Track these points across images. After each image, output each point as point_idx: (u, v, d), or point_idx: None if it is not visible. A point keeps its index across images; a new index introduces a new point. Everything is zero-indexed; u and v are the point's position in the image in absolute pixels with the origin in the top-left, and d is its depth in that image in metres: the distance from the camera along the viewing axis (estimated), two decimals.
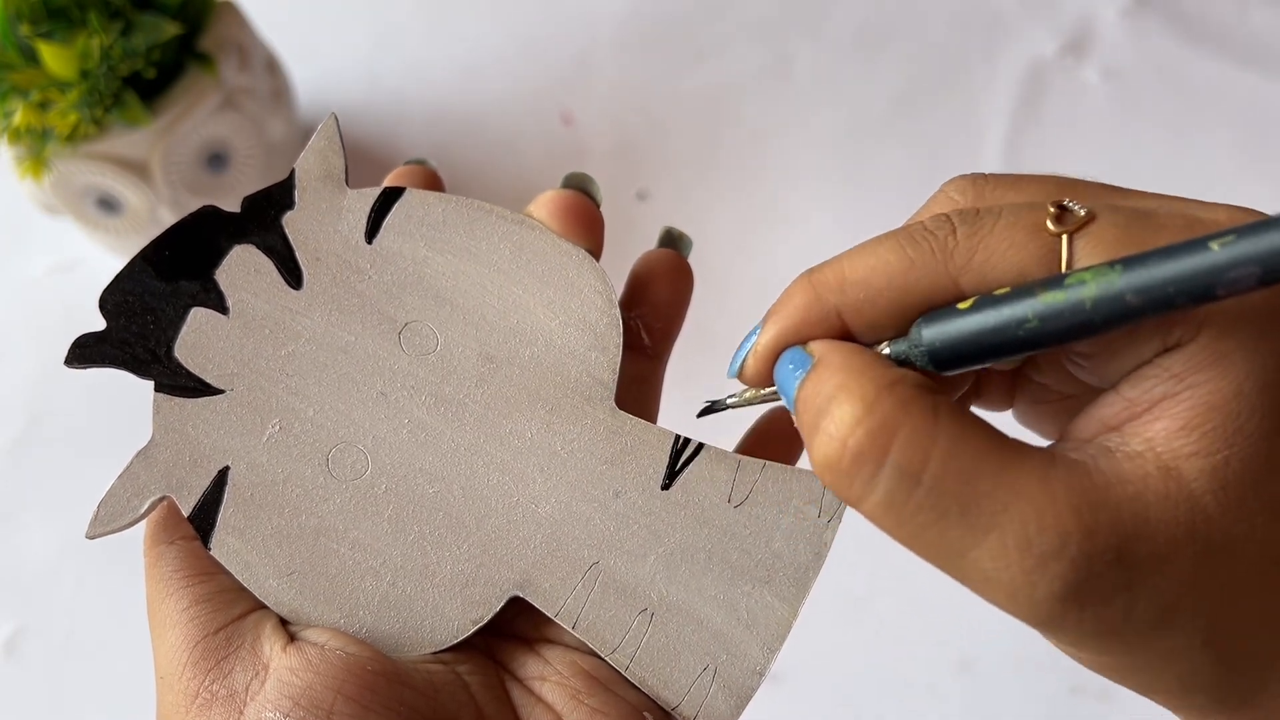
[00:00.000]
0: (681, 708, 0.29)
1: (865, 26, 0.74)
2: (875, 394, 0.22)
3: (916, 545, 0.23)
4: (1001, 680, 0.55)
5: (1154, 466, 0.22)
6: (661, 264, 0.33)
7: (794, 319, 0.25)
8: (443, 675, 0.29)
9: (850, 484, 0.22)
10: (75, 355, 0.29)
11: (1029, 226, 0.23)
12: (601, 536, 0.29)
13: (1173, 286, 0.20)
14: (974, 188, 0.25)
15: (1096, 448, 0.22)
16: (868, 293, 0.24)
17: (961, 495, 0.22)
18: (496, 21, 0.74)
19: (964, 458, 0.22)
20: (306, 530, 0.29)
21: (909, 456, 0.22)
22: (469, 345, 0.30)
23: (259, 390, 0.30)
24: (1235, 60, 0.72)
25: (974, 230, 0.23)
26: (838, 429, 0.22)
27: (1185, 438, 0.21)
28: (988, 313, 0.22)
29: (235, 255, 0.30)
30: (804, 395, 0.24)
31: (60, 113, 0.52)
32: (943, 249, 0.23)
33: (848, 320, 0.24)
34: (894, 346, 0.24)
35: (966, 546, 0.22)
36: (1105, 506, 0.21)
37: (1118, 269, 0.21)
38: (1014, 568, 0.21)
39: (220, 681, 0.27)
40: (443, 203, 0.31)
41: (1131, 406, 0.22)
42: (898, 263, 0.24)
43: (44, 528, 0.58)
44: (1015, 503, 0.21)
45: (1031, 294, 0.22)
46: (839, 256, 0.25)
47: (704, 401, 0.30)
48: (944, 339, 0.23)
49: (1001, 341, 0.22)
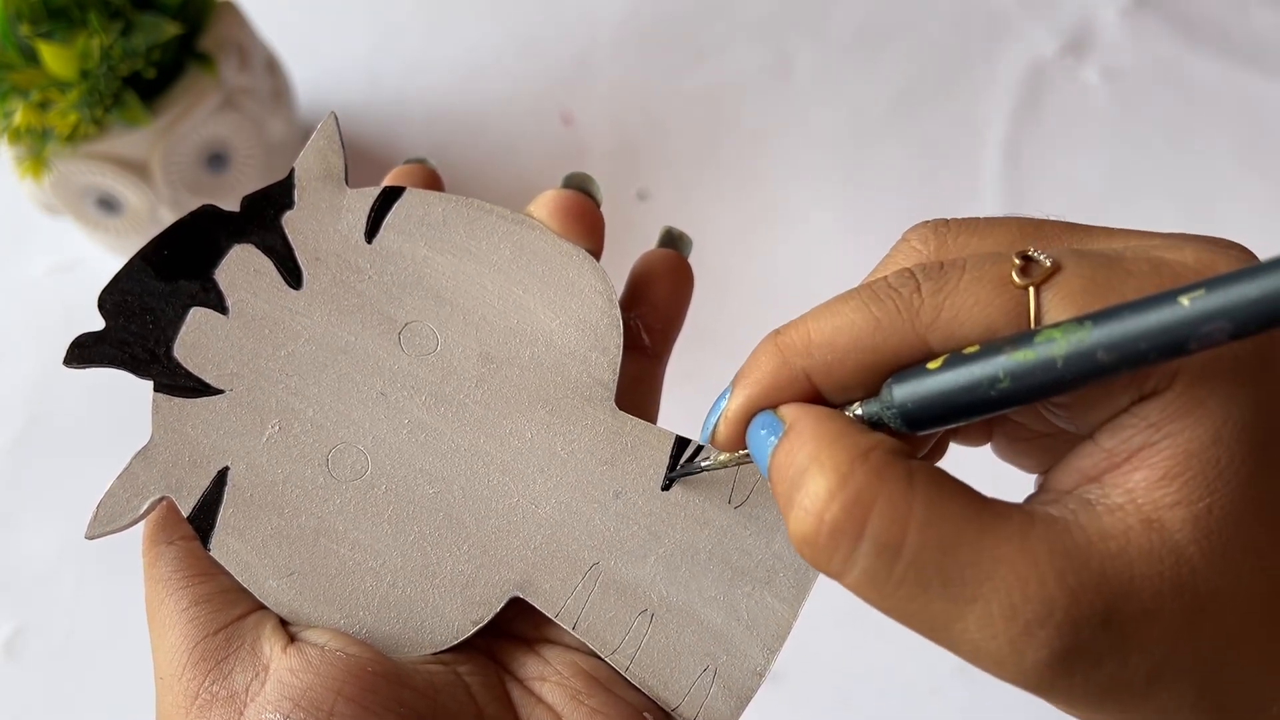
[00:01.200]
0: (681, 708, 0.29)
1: (865, 26, 0.74)
2: (849, 465, 0.22)
3: (901, 618, 0.22)
4: (1001, 681, 0.55)
5: (1136, 519, 0.21)
6: (661, 264, 0.33)
7: (763, 384, 0.24)
8: (443, 676, 0.28)
9: (829, 560, 0.22)
10: (74, 355, 0.29)
11: (994, 280, 0.22)
12: (602, 537, 0.29)
13: (1144, 342, 0.20)
14: (936, 236, 0.25)
15: (1076, 501, 0.22)
16: (834, 354, 0.23)
17: (942, 567, 0.21)
18: (496, 21, 0.74)
19: (942, 526, 0.21)
20: (306, 531, 0.29)
21: (887, 529, 0.21)
22: (469, 345, 0.30)
23: (258, 390, 0.30)
24: (1235, 60, 0.72)
25: (939, 287, 0.23)
26: (812, 503, 0.22)
27: (1166, 487, 0.21)
28: (958, 371, 0.22)
29: (234, 255, 0.30)
30: (777, 464, 0.23)
31: (60, 113, 0.52)
32: (908, 307, 0.23)
33: (817, 382, 0.24)
34: (866, 407, 0.24)
35: (952, 619, 0.21)
36: (1089, 567, 0.21)
37: (1087, 325, 0.21)
38: (1001, 637, 0.21)
39: (220, 682, 0.27)
40: (443, 202, 0.31)
41: (1110, 457, 0.22)
42: (863, 323, 0.23)
43: (44, 528, 0.58)
44: (998, 571, 0.21)
45: (1001, 352, 0.21)
46: (804, 317, 0.24)
47: (677, 465, 0.30)
48: (915, 400, 0.23)
49: (975, 400, 0.22)
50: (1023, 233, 0.24)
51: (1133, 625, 0.21)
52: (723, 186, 0.68)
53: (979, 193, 0.68)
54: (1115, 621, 0.21)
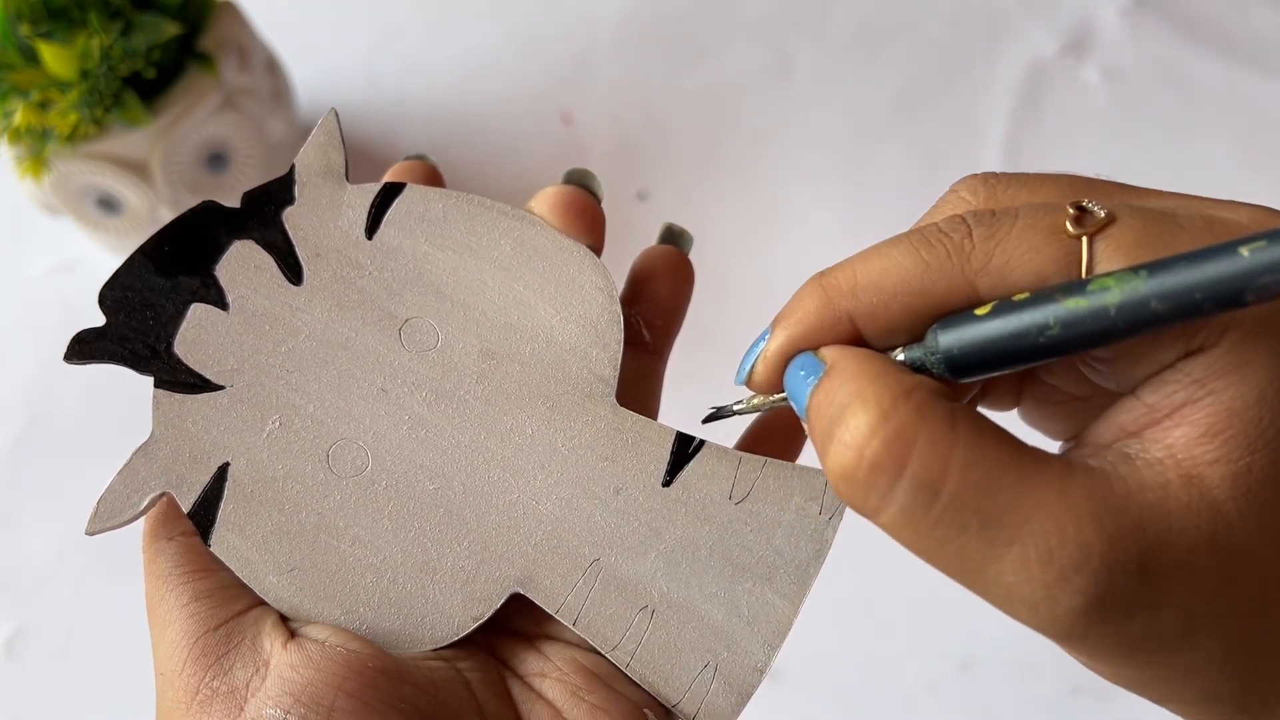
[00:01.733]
0: (682, 705, 0.29)
1: (865, 26, 0.74)
2: (891, 402, 0.22)
3: (935, 559, 0.22)
4: (1002, 681, 0.55)
5: (1175, 474, 0.21)
6: (662, 260, 0.33)
7: (805, 324, 0.24)
8: (443, 672, 0.28)
9: (867, 496, 0.22)
10: (74, 351, 0.29)
11: (1047, 229, 0.22)
12: (602, 533, 0.29)
13: (1200, 292, 0.20)
14: (986, 187, 0.24)
15: (1115, 454, 0.22)
16: (881, 297, 0.23)
17: (981, 508, 0.21)
18: (496, 21, 0.74)
19: (983, 469, 0.21)
20: (306, 527, 0.29)
21: (927, 468, 0.21)
22: (469, 341, 0.30)
23: (259, 386, 0.30)
24: (1235, 60, 0.72)
25: (991, 232, 0.23)
26: (853, 438, 0.22)
27: (1207, 444, 0.21)
28: (1008, 318, 0.22)
29: (235, 251, 0.30)
30: (816, 403, 0.23)
31: (60, 113, 0.52)
32: (959, 252, 0.23)
33: (860, 325, 0.24)
34: (909, 353, 0.24)
35: (987, 561, 0.21)
36: (1127, 516, 0.21)
37: (1142, 275, 0.20)
38: (1036, 581, 0.21)
39: (220, 678, 0.27)
40: (443, 198, 0.31)
41: (1152, 412, 0.22)
42: (912, 266, 0.23)
43: (44, 528, 0.58)
44: (1036, 515, 0.21)
45: (1053, 300, 0.21)
46: (851, 259, 0.24)
47: (709, 407, 0.29)
48: (962, 346, 0.22)
49: (1022, 348, 0.22)
50: (1073, 188, 0.24)
51: (1167, 578, 0.21)
52: (723, 186, 0.68)
53: None
54: (1150, 572, 0.21)
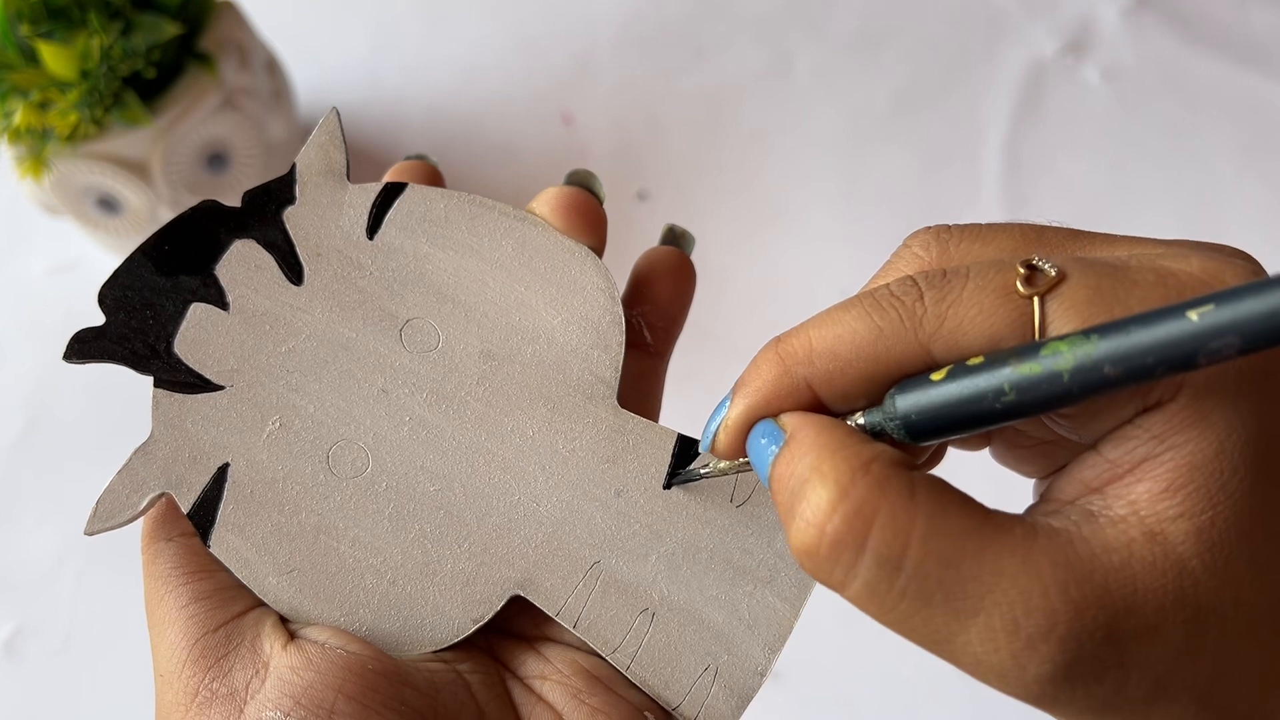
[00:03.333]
0: (682, 708, 0.29)
1: (865, 26, 0.74)
2: (850, 477, 0.22)
3: (902, 631, 0.22)
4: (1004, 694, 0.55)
5: (1139, 531, 0.21)
6: (664, 261, 0.33)
7: (763, 392, 0.24)
8: (443, 674, 0.28)
9: (830, 571, 0.22)
10: (74, 350, 0.29)
11: (998, 290, 0.22)
12: (603, 535, 0.29)
13: (1152, 357, 0.20)
14: (938, 242, 0.24)
15: (1079, 512, 0.22)
16: (836, 363, 0.23)
17: (944, 580, 0.21)
18: (496, 21, 0.74)
19: (944, 539, 0.21)
20: (306, 528, 0.29)
21: (888, 543, 0.21)
22: (470, 342, 0.30)
23: (259, 386, 0.30)
24: (1235, 60, 0.72)
25: (942, 295, 0.22)
26: (814, 515, 0.22)
27: (1169, 499, 0.21)
28: (963, 382, 0.22)
29: (235, 250, 0.30)
30: (778, 474, 0.23)
31: (60, 113, 0.52)
32: (911, 316, 0.23)
33: (818, 391, 0.24)
34: (868, 417, 0.23)
35: (954, 632, 0.21)
36: (1092, 580, 0.21)
37: (1093, 339, 0.20)
38: (1003, 651, 0.21)
39: (220, 680, 0.27)
40: (444, 198, 0.31)
41: (1114, 468, 0.22)
42: (865, 332, 0.23)
43: (44, 528, 0.58)
44: (1000, 584, 0.21)
45: (1006, 364, 0.21)
46: (805, 325, 0.24)
47: (671, 472, 0.30)
48: (919, 411, 0.22)
49: (978, 413, 0.22)
50: (1025, 239, 0.24)
51: (1135, 640, 0.21)
52: (723, 186, 0.68)
53: (979, 193, 0.68)
54: (1118, 636, 0.21)
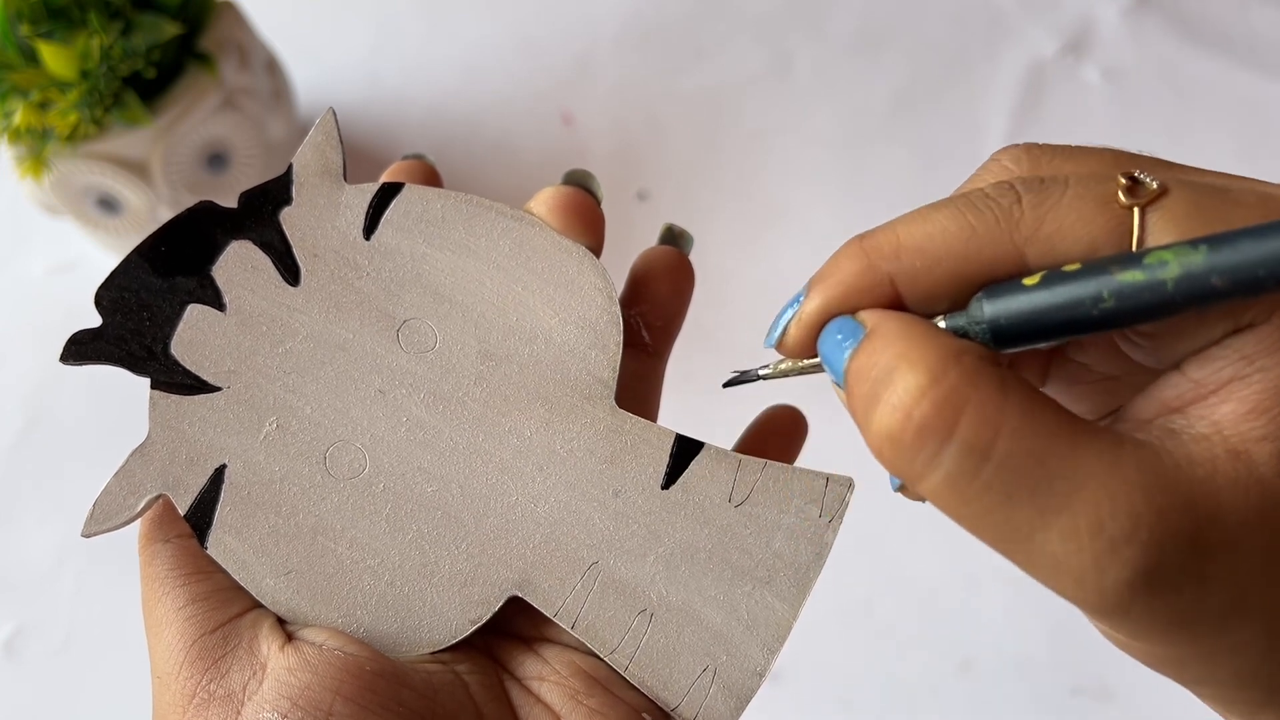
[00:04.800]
0: (681, 709, 0.28)
1: (865, 26, 0.74)
2: (941, 364, 0.21)
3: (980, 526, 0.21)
4: (1002, 681, 0.55)
5: (1222, 449, 0.21)
6: (662, 261, 0.33)
7: (843, 286, 0.23)
8: (441, 675, 0.28)
9: (913, 459, 0.21)
10: (70, 352, 0.29)
11: (1099, 198, 0.22)
12: (601, 536, 0.29)
13: (1263, 269, 0.19)
14: (1029, 157, 0.24)
15: (1160, 429, 0.22)
16: (925, 261, 0.22)
17: (1031, 475, 0.20)
18: (496, 21, 0.74)
19: (1034, 435, 0.20)
20: (304, 529, 0.29)
21: (977, 432, 0.20)
22: (468, 343, 0.30)
23: (256, 388, 0.30)
24: (1235, 60, 0.72)
25: (1041, 199, 0.22)
26: (901, 400, 0.21)
27: (1254, 421, 0.21)
28: (1058, 289, 0.21)
29: (232, 251, 0.30)
30: (857, 366, 0.22)
31: (60, 113, 0.52)
32: (1007, 218, 0.22)
33: (902, 289, 0.23)
34: (951, 320, 0.23)
35: (1034, 529, 0.21)
36: (1177, 490, 0.20)
37: (1201, 249, 0.20)
38: (1085, 552, 0.20)
39: (217, 681, 0.27)
40: (441, 199, 0.31)
41: (1198, 388, 0.21)
42: (958, 230, 0.22)
43: (43, 528, 0.58)
44: (1088, 484, 0.20)
45: (1107, 272, 0.21)
46: (893, 222, 0.23)
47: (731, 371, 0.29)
48: (1009, 315, 0.22)
49: (1073, 319, 0.21)
50: (1118, 161, 0.23)
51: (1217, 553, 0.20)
52: (723, 186, 0.68)
53: None
54: (1200, 547, 0.20)
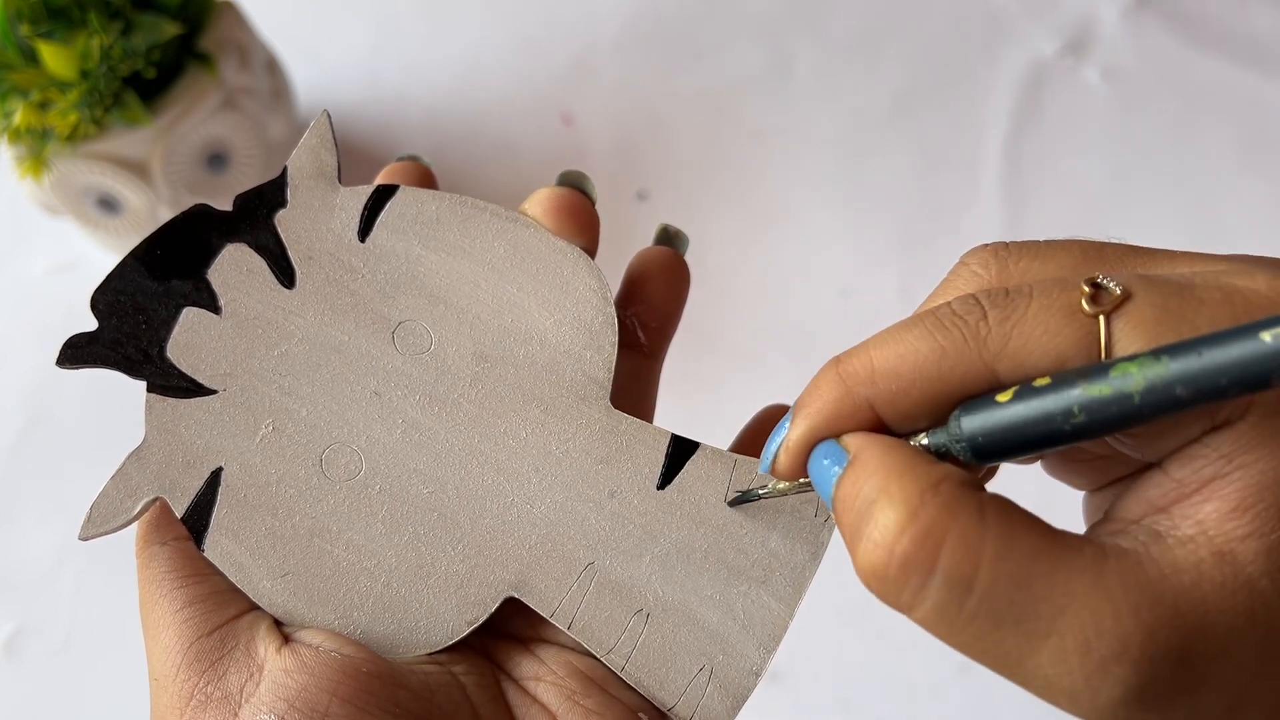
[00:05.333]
0: (677, 708, 0.29)
1: (865, 26, 0.74)
2: (919, 497, 0.21)
3: (972, 653, 0.22)
4: (1002, 682, 0.55)
5: (1207, 551, 0.21)
6: (657, 262, 0.33)
7: (825, 413, 0.24)
8: (438, 676, 0.28)
9: (899, 593, 0.22)
10: (66, 356, 0.29)
11: (1063, 309, 0.22)
12: (597, 536, 0.29)
13: (1225, 378, 0.20)
14: (997, 260, 0.24)
15: (1146, 532, 0.22)
16: (899, 384, 0.23)
17: (1015, 601, 0.21)
18: (496, 21, 0.74)
19: (1015, 560, 0.21)
20: (300, 531, 0.29)
21: (959, 564, 0.21)
22: (463, 344, 0.30)
23: (252, 390, 0.30)
24: (1235, 60, 0.72)
25: (1006, 314, 0.22)
26: (882, 536, 0.21)
27: (1238, 519, 0.21)
28: (1030, 403, 0.21)
29: (227, 254, 0.30)
30: (842, 495, 0.23)
31: (60, 113, 0.52)
32: (975, 336, 0.22)
33: (880, 411, 0.23)
34: (933, 438, 0.23)
35: (1025, 654, 0.21)
36: (1163, 602, 0.20)
37: (1164, 360, 0.20)
38: (1075, 673, 0.21)
39: (215, 683, 0.27)
40: (436, 200, 0.31)
41: (1180, 487, 0.22)
42: (929, 352, 0.23)
43: (43, 528, 0.58)
44: (1071, 605, 0.21)
45: (1075, 385, 0.21)
46: (866, 344, 0.24)
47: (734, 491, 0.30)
48: (986, 432, 0.22)
49: (1047, 434, 0.21)
50: (1085, 256, 0.23)
51: (1208, 662, 0.21)
52: (723, 187, 0.68)
53: (979, 193, 0.68)
54: (1190, 658, 0.21)
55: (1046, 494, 0.26)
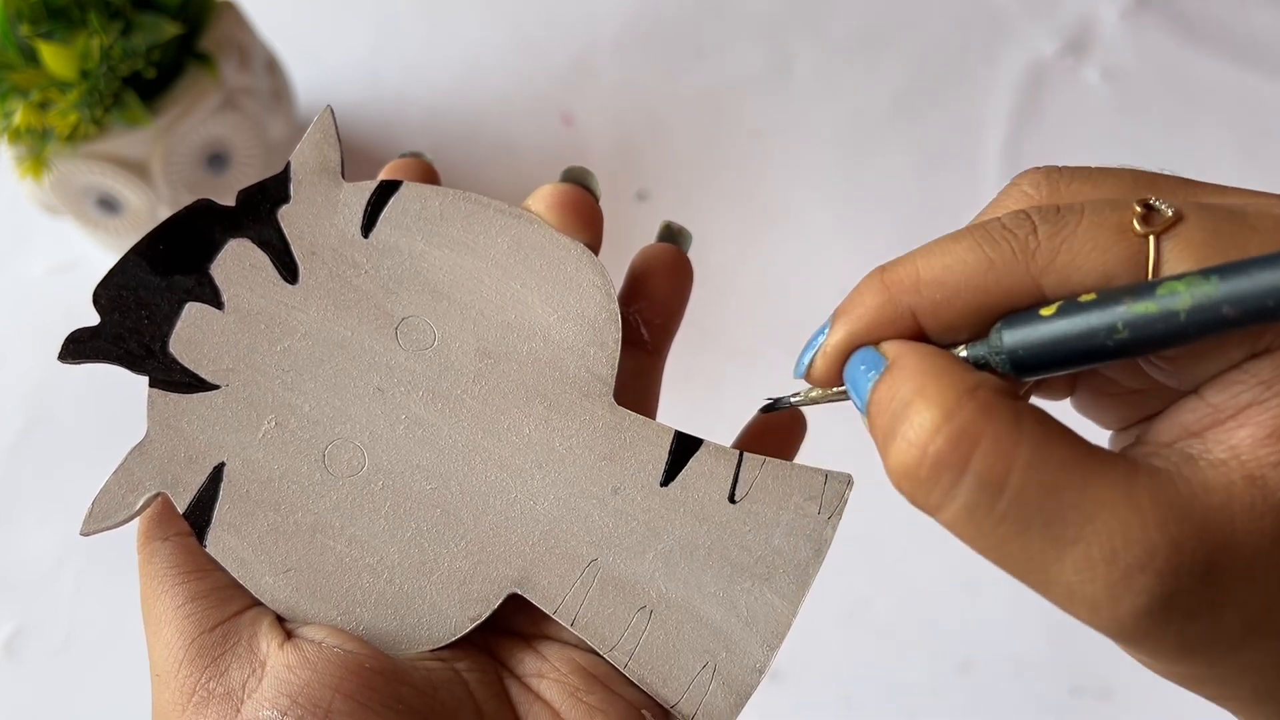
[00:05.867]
0: (680, 705, 0.28)
1: (865, 26, 0.74)
2: (956, 399, 0.21)
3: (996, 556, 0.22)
4: (1002, 681, 0.55)
5: (1239, 475, 0.21)
6: (660, 258, 0.33)
7: (866, 319, 0.24)
8: (441, 672, 0.28)
9: (929, 493, 0.22)
10: (69, 350, 0.29)
11: (1114, 227, 0.22)
12: (600, 533, 0.29)
13: (1273, 299, 0.20)
14: (1049, 182, 0.24)
15: (1178, 454, 0.22)
16: (944, 293, 0.23)
17: (1045, 507, 0.21)
18: (496, 21, 0.74)
19: (1048, 467, 0.21)
20: (303, 527, 0.29)
21: (991, 466, 0.21)
22: (466, 340, 0.30)
23: (254, 386, 0.30)
24: (1235, 60, 0.72)
25: (1056, 230, 0.22)
26: (917, 435, 0.22)
27: (1271, 446, 0.21)
28: (1074, 319, 0.22)
29: (230, 249, 0.30)
30: (878, 398, 0.23)
31: (60, 113, 0.52)
32: (1024, 249, 0.22)
33: (922, 321, 0.23)
34: (972, 350, 0.23)
35: (1049, 560, 0.21)
36: (1191, 518, 0.21)
37: (1213, 279, 0.20)
38: (1099, 581, 0.21)
39: (217, 679, 0.27)
40: (440, 196, 0.31)
41: (1216, 412, 0.22)
42: (976, 262, 0.23)
43: (43, 528, 0.58)
44: (1100, 514, 0.21)
45: (1120, 302, 0.21)
46: (912, 254, 0.24)
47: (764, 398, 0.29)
48: (1027, 346, 0.22)
49: (1089, 349, 0.22)
50: (1137, 183, 0.24)
51: (1231, 579, 0.21)
52: (723, 186, 0.68)
53: (979, 193, 0.68)
54: (1215, 574, 0.21)
55: None
